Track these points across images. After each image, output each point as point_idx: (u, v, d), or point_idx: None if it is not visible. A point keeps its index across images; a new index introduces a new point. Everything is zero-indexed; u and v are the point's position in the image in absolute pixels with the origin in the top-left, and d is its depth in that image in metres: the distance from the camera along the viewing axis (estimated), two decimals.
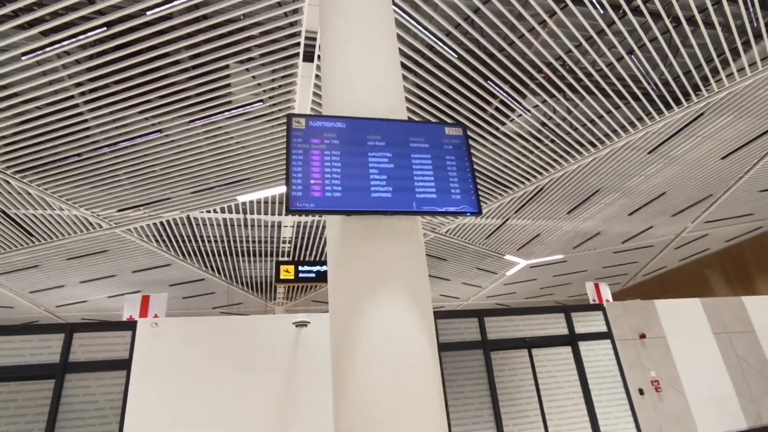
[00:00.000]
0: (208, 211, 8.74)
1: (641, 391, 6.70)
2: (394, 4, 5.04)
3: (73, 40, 4.98)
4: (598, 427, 6.32)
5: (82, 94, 5.76)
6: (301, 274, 9.56)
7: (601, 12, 5.41)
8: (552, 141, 7.62)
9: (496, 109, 6.78)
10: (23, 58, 5.18)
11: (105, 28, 4.89)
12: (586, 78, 6.38)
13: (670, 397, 6.81)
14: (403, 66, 5.91)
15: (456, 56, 5.81)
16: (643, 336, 7.13)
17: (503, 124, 7.17)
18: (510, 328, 6.52)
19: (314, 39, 5.50)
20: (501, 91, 6.43)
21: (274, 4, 4.99)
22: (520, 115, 7.00)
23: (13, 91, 5.59)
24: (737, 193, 10.30)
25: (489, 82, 6.24)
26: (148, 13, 4.77)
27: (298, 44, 5.48)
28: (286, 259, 11.01)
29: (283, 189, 8.06)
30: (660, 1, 5.38)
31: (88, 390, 4.79)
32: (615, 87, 6.60)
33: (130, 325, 5.11)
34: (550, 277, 15.27)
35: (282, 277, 9.35)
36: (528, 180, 8.63)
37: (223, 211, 8.80)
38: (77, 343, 4.92)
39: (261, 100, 6.33)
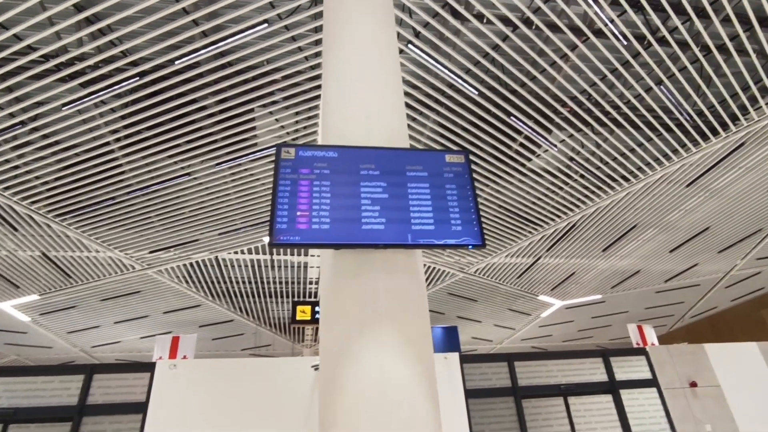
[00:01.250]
0: (236, 252, 8.83)
1: None
2: (412, 43, 5.12)
3: (109, 90, 5.27)
4: None
5: (117, 140, 6.04)
6: (318, 315, 9.39)
7: (625, 44, 5.31)
8: (581, 176, 7.37)
9: (521, 144, 6.66)
10: (64, 108, 5.51)
11: (138, 78, 5.16)
12: (614, 111, 6.21)
13: None
14: (424, 104, 5.93)
15: (477, 93, 5.79)
16: (693, 384, 6.51)
17: (529, 160, 7.01)
18: (543, 374, 6.10)
19: None
20: (525, 127, 6.33)
21: (294, 49, 5.15)
22: (547, 150, 6.84)
23: (55, 139, 5.93)
24: None
25: (512, 117, 6.17)
26: (176, 62, 5.01)
27: (319, 86, 5.61)
28: (312, 300, 10.91)
29: None
30: (687, 30, 5.24)
31: None
32: (646, 119, 6.38)
33: (149, 367, 5.07)
34: (589, 318, 14.48)
35: (298, 317, 9.18)
36: (558, 217, 8.34)
37: (250, 252, 8.87)
38: (96, 384, 4.90)
39: (285, 142, 6.46)
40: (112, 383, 4.84)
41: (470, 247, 2.14)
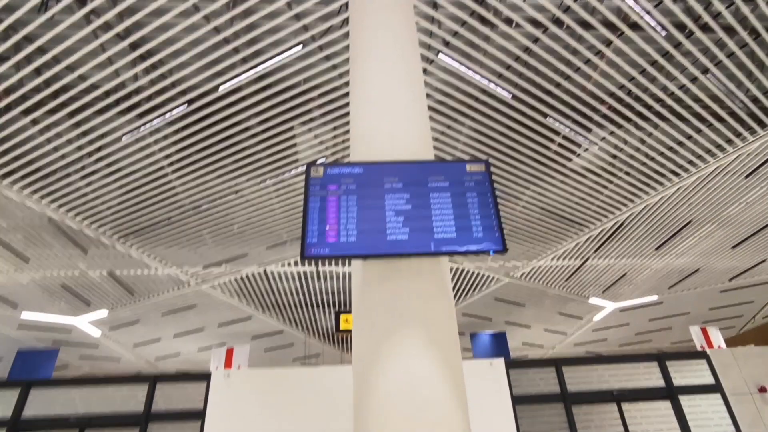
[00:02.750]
0: (282, 265, 9.16)
1: None
2: (443, 52, 5.20)
3: (162, 118, 5.69)
4: None
5: (171, 164, 6.49)
6: None
7: (663, 34, 5.14)
8: (626, 173, 7.13)
9: (560, 145, 6.55)
10: (124, 138, 6.00)
11: (186, 105, 5.54)
12: (657, 104, 6.00)
13: None
14: (459, 111, 5.98)
15: (511, 96, 5.78)
16: (763, 389, 6.09)
17: (570, 160, 6.88)
18: (594, 379, 5.91)
19: None
20: (563, 126, 6.23)
21: (329, 68, 5.37)
22: (587, 149, 6.69)
23: (117, 166, 6.45)
24: None
25: (548, 118, 6.09)
26: (220, 88, 5.35)
27: None
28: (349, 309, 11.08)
29: None
30: (733, 14, 5.01)
31: None
32: (693, 110, 6.12)
33: (205, 377, 5.37)
34: (646, 321, 13.78)
35: (342, 327, 9.31)
36: (605, 216, 8.08)
37: (296, 264, 9.17)
38: (159, 393, 5.25)
39: (324, 157, 6.69)
40: (173, 392, 5.17)
41: (492, 252, 2.19)
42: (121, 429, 4.93)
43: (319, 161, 6.74)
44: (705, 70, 5.67)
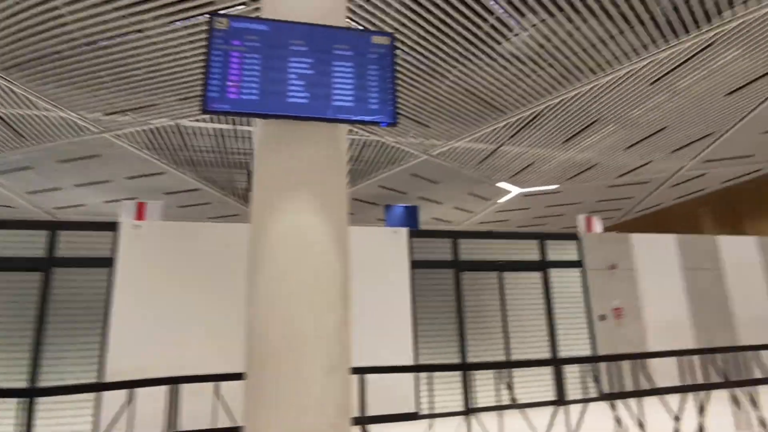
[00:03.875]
0: (198, 120, 8.66)
1: (602, 317, 7.06)
2: None
3: None
4: (556, 348, 6.75)
5: None
6: None
7: None
8: (550, 65, 7.29)
9: (492, 26, 6.42)
10: None
11: None
12: None
13: (630, 324, 7.19)
14: None
15: None
16: (613, 267, 7.36)
17: (499, 43, 6.82)
18: (483, 251, 6.73)
19: None
20: (497, 5, 6.04)
21: None
22: (517, 35, 6.63)
23: None
24: (739, 132, 10.02)
25: None
26: None
27: None
28: None
29: None
30: None
31: (74, 284, 5.10)
32: (620, 9, 6.17)
33: (112, 226, 5.31)
34: (543, 207, 15.38)
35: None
36: (524, 105, 8.39)
37: (212, 120, 8.71)
38: (63, 240, 5.15)
39: (244, 2, 6.00)
40: (77, 239, 5.09)
41: (383, 124, 2.28)
42: (23, 274, 4.87)
43: (239, 7, 6.05)
44: None
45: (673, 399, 4.25)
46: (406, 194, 13.01)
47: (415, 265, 6.44)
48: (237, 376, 2.49)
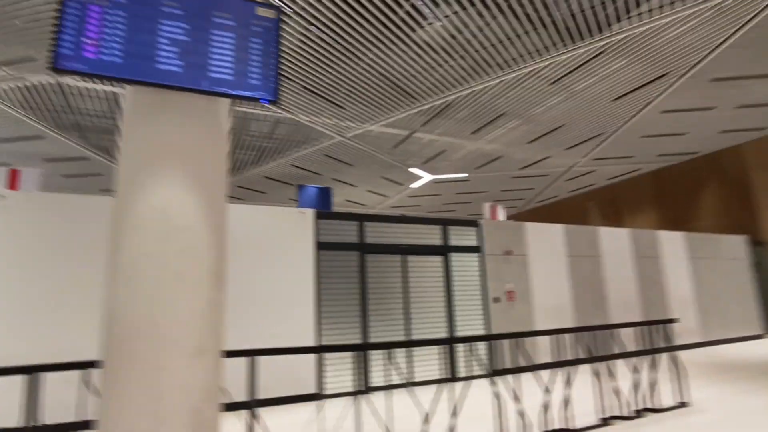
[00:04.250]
0: (84, 80, 7.75)
1: (496, 299, 7.58)
2: None
3: None
4: (454, 328, 7.14)
5: None
6: None
7: None
8: (461, 57, 7.52)
9: (407, 12, 6.45)
10: None
11: None
12: None
13: (520, 306, 7.80)
14: None
15: None
16: (508, 252, 7.89)
17: (414, 30, 6.88)
18: (389, 235, 6.86)
19: None
20: None
21: None
22: (431, 23, 6.74)
23: None
24: (623, 135, 11.17)
25: None
26: None
27: None
28: None
29: None
30: None
31: None
32: (526, 10, 6.51)
33: None
34: (453, 194, 16.05)
35: None
36: (436, 93, 8.60)
37: (102, 82, 7.84)
38: None
39: None
40: None
41: (263, 101, 2.18)
42: None
43: None
44: None
45: (548, 374, 4.71)
46: (320, 175, 12.85)
47: (322, 246, 6.39)
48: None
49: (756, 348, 9.66)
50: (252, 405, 3.48)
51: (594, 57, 7.63)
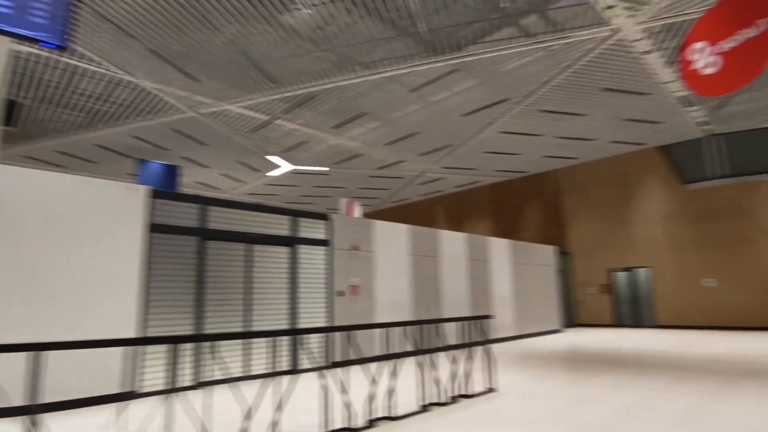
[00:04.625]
0: None
1: (341, 293, 7.73)
2: None
3: None
4: (296, 321, 7.06)
5: None
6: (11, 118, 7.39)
7: None
8: (327, 49, 7.47)
9: None
10: None
11: None
12: None
13: (364, 300, 8.08)
14: None
15: None
16: (355, 248, 8.11)
17: (281, 13, 6.62)
18: (233, 221, 6.49)
19: None
20: None
21: None
22: (299, 9, 6.56)
23: None
24: (469, 148, 12.35)
25: None
26: None
27: None
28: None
29: None
30: None
31: None
32: (391, 16, 6.73)
33: None
34: (312, 187, 15.98)
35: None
36: (300, 82, 8.42)
37: None
38: None
39: None
40: None
41: (48, 45, 1.86)
42: None
43: None
44: None
45: (376, 366, 4.94)
46: (168, 151, 11.63)
47: (155, 228, 5.74)
48: None
49: (554, 340, 11.57)
50: (34, 410, 2.94)
51: (449, 73, 8.25)
